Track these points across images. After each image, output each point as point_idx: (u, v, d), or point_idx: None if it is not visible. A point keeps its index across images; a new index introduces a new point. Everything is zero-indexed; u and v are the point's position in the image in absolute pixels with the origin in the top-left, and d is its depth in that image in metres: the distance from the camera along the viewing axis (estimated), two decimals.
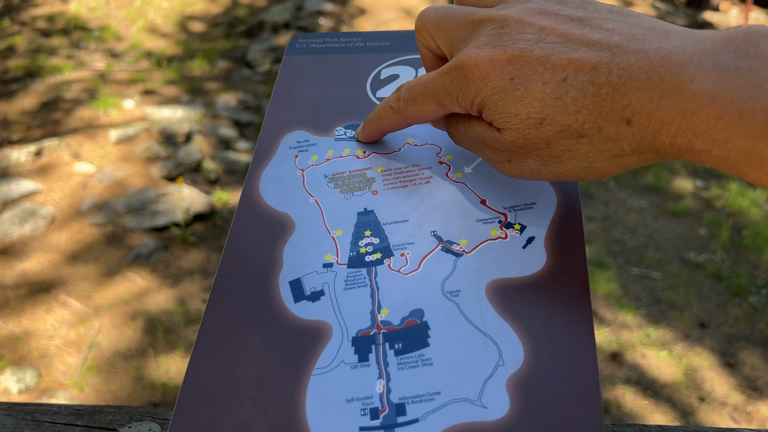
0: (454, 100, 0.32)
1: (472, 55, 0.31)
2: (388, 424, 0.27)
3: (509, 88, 0.30)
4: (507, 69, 0.30)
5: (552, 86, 0.29)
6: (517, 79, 0.29)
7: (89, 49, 3.13)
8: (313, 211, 0.36)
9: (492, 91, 0.30)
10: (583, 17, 0.30)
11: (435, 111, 0.33)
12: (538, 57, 0.29)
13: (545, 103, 0.29)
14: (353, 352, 0.30)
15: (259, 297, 0.32)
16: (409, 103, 0.34)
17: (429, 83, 0.33)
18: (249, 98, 2.75)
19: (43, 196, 2.06)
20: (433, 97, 0.33)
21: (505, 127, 0.30)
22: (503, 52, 0.30)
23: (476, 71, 0.30)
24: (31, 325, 1.66)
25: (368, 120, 0.38)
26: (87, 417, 0.39)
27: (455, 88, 0.31)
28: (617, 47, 0.28)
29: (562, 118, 0.29)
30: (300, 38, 0.46)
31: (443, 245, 0.33)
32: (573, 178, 0.31)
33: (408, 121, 0.35)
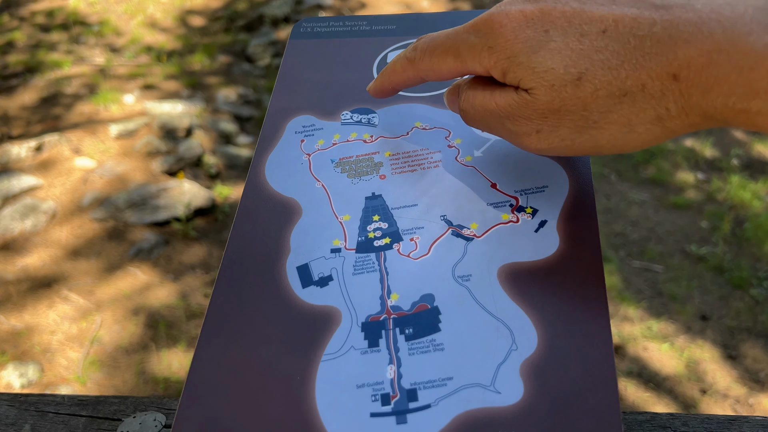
0: (476, 56, 0.30)
1: (502, 8, 0.29)
2: (399, 409, 0.27)
3: (543, 40, 0.28)
4: (541, 21, 0.28)
5: (591, 38, 0.27)
6: (552, 31, 0.28)
7: (89, 44, 3.12)
8: (320, 195, 0.35)
9: (524, 44, 0.28)
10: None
11: (453, 67, 0.31)
12: (574, 9, 0.27)
13: (584, 55, 0.27)
14: (363, 338, 0.29)
15: (267, 283, 0.32)
16: (426, 53, 0.32)
17: (451, 35, 0.31)
18: (249, 92, 2.74)
19: (44, 191, 2.06)
20: (453, 51, 0.31)
21: (537, 85, 0.28)
22: (535, 5, 0.28)
23: (507, 23, 0.28)
24: (32, 320, 1.66)
25: (381, 72, 0.36)
26: (91, 407, 0.39)
27: (480, 42, 0.29)
28: (659, 2, 0.26)
29: (602, 73, 0.26)
30: (305, 22, 0.46)
31: (453, 229, 0.33)
32: (610, 149, 0.29)
33: (422, 74, 0.33)
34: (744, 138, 2.67)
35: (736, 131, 2.71)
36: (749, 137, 2.67)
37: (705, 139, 2.63)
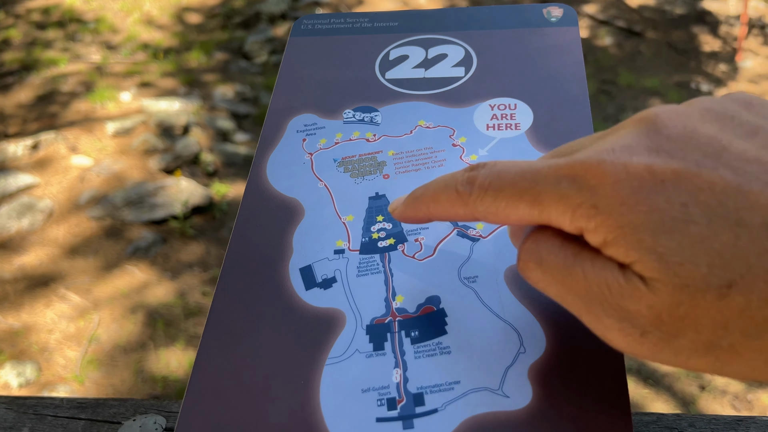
0: (567, 213, 0.22)
1: (617, 157, 0.21)
2: (406, 414, 0.26)
3: (680, 218, 0.20)
4: (677, 188, 0.20)
5: (751, 232, 0.19)
6: (692, 207, 0.20)
7: (85, 42, 3.11)
8: (322, 196, 0.35)
9: (648, 216, 0.20)
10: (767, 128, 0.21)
11: (525, 216, 0.23)
12: (728, 183, 0.20)
13: (740, 255, 0.19)
14: (368, 341, 0.29)
15: (269, 285, 0.31)
16: (489, 192, 0.24)
17: (529, 173, 0.23)
18: (247, 90, 2.73)
19: (41, 189, 2.05)
20: (530, 196, 0.22)
21: (661, 278, 0.20)
22: (668, 162, 0.20)
23: (624, 180, 0.20)
24: (30, 319, 1.65)
25: (417, 197, 0.27)
26: (90, 410, 0.38)
27: (576, 196, 0.21)
28: None
29: (763, 287, 0.19)
30: (305, 19, 0.45)
31: (459, 230, 0.32)
32: (740, 377, 0.21)
33: (478, 216, 0.25)
34: None
35: None
36: None
37: None
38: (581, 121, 0.36)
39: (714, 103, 0.23)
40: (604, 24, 3.44)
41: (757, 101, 0.23)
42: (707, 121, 0.22)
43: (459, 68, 0.40)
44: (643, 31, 3.40)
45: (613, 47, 3.30)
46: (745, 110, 0.22)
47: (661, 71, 3.12)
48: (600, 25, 3.45)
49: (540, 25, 0.42)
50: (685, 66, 3.17)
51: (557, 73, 0.39)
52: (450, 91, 0.39)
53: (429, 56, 0.41)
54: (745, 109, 0.23)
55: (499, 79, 0.39)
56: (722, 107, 0.22)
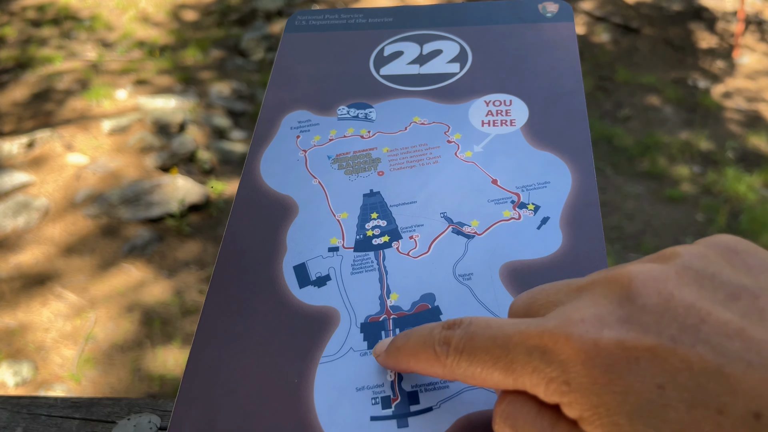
0: (539, 385, 0.21)
1: (583, 328, 0.20)
2: (400, 413, 0.26)
3: (655, 401, 0.18)
4: (652, 367, 0.18)
5: (738, 422, 0.17)
6: (669, 389, 0.18)
7: (80, 39, 3.10)
8: (316, 193, 0.35)
9: (622, 398, 0.18)
10: (755, 290, 0.19)
11: (499, 383, 0.22)
12: (708, 363, 0.18)
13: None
14: (362, 339, 0.29)
15: (263, 283, 0.31)
16: (463, 356, 0.23)
17: (500, 341, 0.22)
18: (243, 87, 2.73)
19: (36, 188, 2.04)
20: (503, 365, 0.22)
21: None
22: (642, 336, 0.19)
23: (595, 357, 0.19)
24: (26, 318, 1.65)
25: (396, 347, 0.26)
26: (84, 409, 0.38)
27: (547, 370, 0.20)
28: None
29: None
30: (299, 15, 0.45)
31: (454, 227, 0.32)
32: None
33: (456, 378, 0.24)
34: (739, 131, 2.67)
35: (730, 123, 2.71)
36: (744, 130, 2.67)
37: (700, 132, 2.63)
38: (576, 117, 0.36)
39: (694, 259, 0.21)
40: (601, 20, 3.44)
41: (742, 247, 0.21)
42: (685, 284, 0.20)
43: (454, 64, 0.40)
44: (640, 28, 3.40)
45: (610, 44, 3.30)
46: (728, 263, 0.21)
47: (658, 68, 3.12)
48: (597, 21, 3.45)
49: (535, 20, 0.41)
50: (682, 62, 3.17)
51: (553, 68, 0.38)
52: (445, 88, 0.39)
53: (424, 52, 0.41)
54: (728, 261, 0.21)
55: (495, 75, 0.39)
56: (702, 264, 0.20)
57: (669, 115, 2.77)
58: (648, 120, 2.74)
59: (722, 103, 2.85)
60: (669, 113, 2.78)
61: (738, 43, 3.19)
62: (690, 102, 2.86)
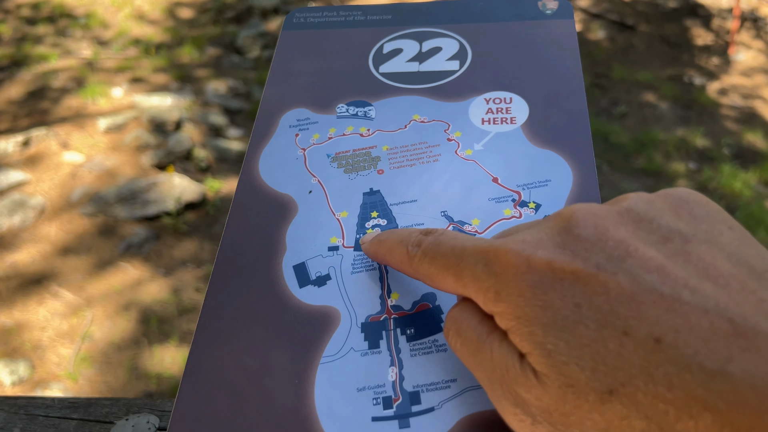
0: (480, 293, 0.23)
1: (521, 246, 0.22)
2: (402, 413, 0.26)
3: (570, 317, 0.20)
4: (573, 287, 0.20)
5: (639, 344, 0.19)
6: (585, 309, 0.20)
7: (75, 37, 3.08)
8: (316, 192, 0.34)
9: (542, 311, 0.20)
10: (688, 235, 0.21)
11: (453, 288, 0.24)
12: (623, 290, 0.20)
13: (622, 364, 0.19)
14: (363, 339, 0.28)
15: (262, 282, 0.31)
16: (426, 258, 0.25)
17: (458, 249, 0.24)
18: (239, 85, 2.72)
19: (32, 186, 2.03)
20: (455, 271, 0.24)
21: (549, 374, 0.20)
22: (571, 259, 0.21)
23: (524, 272, 0.21)
24: (23, 317, 1.64)
25: (379, 240, 0.29)
26: (82, 410, 0.38)
27: (486, 279, 0.22)
28: (738, 320, 0.18)
29: (643, 397, 0.18)
30: (297, 12, 0.45)
31: (454, 225, 0.32)
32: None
33: (419, 277, 0.27)
34: (735, 128, 2.67)
35: (726, 120, 2.72)
36: (740, 126, 2.68)
37: (696, 129, 2.64)
38: (577, 115, 0.36)
39: (640, 203, 0.22)
40: (597, 17, 3.44)
41: (693, 198, 0.23)
42: (622, 223, 0.21)
43: (453, 62, 0.40)
44: (636, 25, 3.40)
45: (606, 41, 3.30)
46: (672, 211, 0.22)
47: (654, 64, 3.12)
48: (593, 18, 3.44)
49: (535, 17, 0.41)
50: (678, 59, 3.17)
51: (553, 66, 0.38)
52: (445, 85, 0.38)
53: (423, 49, 0.41)
54: (673, 209, 0.22)
55: (495, 73, 0.39)
56: (646, 208, 0.22)
57: (665, 112, 2.78)
58: (644, 117, 2.74)
59: (718, 100, 2.86)
60: (665, 110, 2.79)
61: (733, 40, 3.19)
62: (686, 99, 2.86)
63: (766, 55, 3.19)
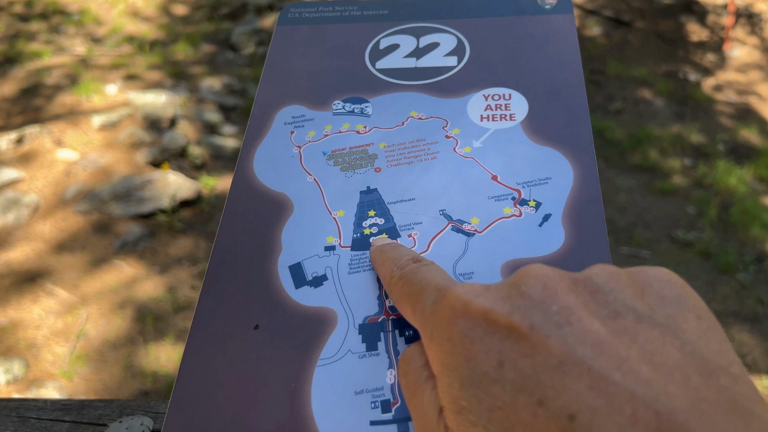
0: (422, 328, 0.23)
1: (465, 291, 0.21)
2: (401, 417, 0.26)
3: (491, 377, 0.19)
4: (501, 342, 0.19)
5: (551, 418, 0.18)
6: (508, 370, 0.19)
7: (69, 34, 3.07)
8: (312, 190, 0.34)
9: (466, 363, 0.20)
10: (643, 315, 0.19)
11: (409, 318, 0.25)
12: (552, 357, 0.18)
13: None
14: (361, 341, 0.28)
15: (257, 283, 0.30)
16: (399, 283, 0.26)
17: (423, 282, 0.24)
18: (234, 82, 2.71)
19: (26, 184, 2.02)
20: (412, 303, 0.24)
21: (456, 430, 0.20)
22: (507, 313, 0.20)
23: (460, 318, 0.21)
24: (17, 315, 1.63)
25: (381, 251, 0.29)
26: (75, 412, 0.37)
27: (431, 317, 0.22)
28: (665, 414, 0.17)
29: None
30: (292, 7, 0.44)
31: (453, 225, 0.31)
32: None
33: (391, 296, 0.27)
34: (730, 124, 2.68)
35: (721, 116, 2.72)
36: (735, 123, 2.68)
37: (691, 125, 2.64)
38: (577, 111, 0.35)
39: (602, 274, 0.21)
40: (593, 14, 3.44)
41: (668, 279, 0.21)
42: (575, 291, 0.20)
43: (451, 57, 0.39)
44: (632, 21, 3.40)
45: (602, 37, 3.30)
46: (635, 289, 0.21)
47: (650, 61, 3.12)
48: (588, 14, 3.44)
49: (534, 12, 0.41)
50: (673, 55, 3.17)
51: (552, 61, 0.38)
52: (442, 81, 0.38)
53: (420, 45, 0.40)
54: (637, 287, 0.21)
55: (493, 69, 0.38)
56: (607, 280, 0.21)
57: (660, 108, 2.78)
58: (639, 113, 2.74)
59: (713, 96, 2.86)
60: (660, 106, 2.79)
61: (728, 36, 3.19)
62: (681, 95, 2.86)
63: (761, 51, 3.19)
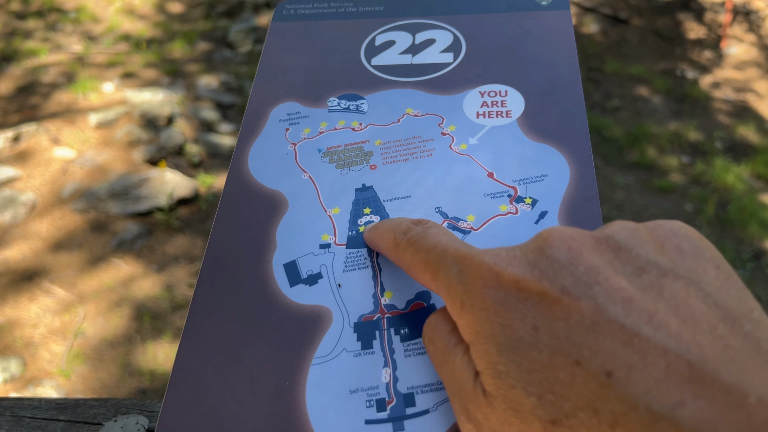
0: (450, 299, 0.23)
1: (494, 260, 0.21)
2: (396, 416, 0.25)
3: (526, 339, 0.20)
4: (535, 308, 0.20)
5: (590, 376, 0.18)
6: (543, 332, 0.19)
7: (65, 32, 3.06)
8: (307, 187, 0.33)
9: (500, 329, 0.20)
10: (666, 269, 0.20)
11: (428, 284, 0.24)
12: (585, 318, 0.19)
13: (570, 396, 0.18)
14: (356, 339, 0.28)
15: (252, 281, 0.30)
16: (410, 248, 0.25)
17: (440, 249, 0.24)
18: (231, 79, 2.71)
19: (23, 182, 2.02)
20: (432, 270, 0.24)
21: (497, 395, 0.20)
22: (538, 280, 0.20)
23: (492, 287, 0.21)
24: (14, 314, 1.63)
25: (375, 226, 0.30)
26: (70, 411, 0.37)
27: (457, 287, 0.22)
28: (697, 363, 0.17)
29: (586, 431, 0.18)
30: (288, 4, 0.44)
31: (449, 222, 0.31)
32: None
33: (400, 264, 0.27)
34: (727, 121, 2.68)
35: (719, 114, 2.72)
36: (732, 120, 2.68)
37: (689, 122, 2.64)
38: (574, 108, 0.35)
39: (622, 231, 0.22)
40: (590, 11, 3.44)
41: (684, 233, 0.22)
42: (599, 250, 0.21)
43: (447, 54, 0.39)
44: (629, 18, 3.39)
45: (599, 34, 3.30)
46: (656, 243, 0.21)
47: (647, 58, 3.12)
48: (586, 12, 3.44)
49: (531, 8, 0.40)
50: (671, 53, 3.17)
51: (549, 58, 0.37)
52: (438, 78, 0.38)
53: (416, 42, 0.40)
54: (658, 241, 0.21)
55: (489, 65, 0.38)
56: (628, 236, 0.21)
57: (658, 105, 2.78)
58: (637, 111, 2.74)
59: (710, 94, 2.86)
60: (658, 104, 2.79)
61: (726, 33, 3.19)
62: (678, 92, 2.86)
63: (759, 49, 3.19)
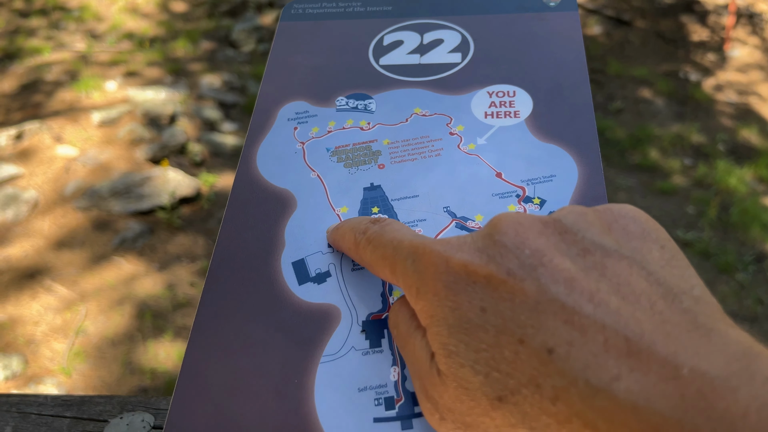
0: (406, 288, 0.24)
1: (444, 248, 0.22)
2: (404, 414, 0.25)
3: (474, 321, 0.20)
4: (482, 291, 0.21)
5: (532, 354, 0.19)
6: (489, 313, 0.20)
7: (69, 30, 3.06)
8: (315, 186, 0.34)
9: (450, 312, 0.21)
10: (610, 250, 0.21)
11: (388, 278, 0.26)
12: (528, 299, 0.20)
13: (513, 374, 0.19)
14: (364, 338, 0.28)
15: (260, 279, 0.30)
16: (369, 247, 0.26)
17: (396, 243, 0.25)
18: (234, 79, 2.71)
19: (25, 180, 2.02)
20: (390, 265, 0.25)
21: (448, 374, 0.21)
22: (485, 264, 0.21)
23: (442, 273, 0.22)
24: (16, 312, 1.63)
25: (336, 227, 0.30)
26: (75, 408, 0.37)
27: (412, 276, 0.23)
28: (634, 338, 0.18)
29: (530, 407, 0.19)
30: (296, 3, 0.44)
31: (457, 221, 0.31)
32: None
33: (363, 263, 0.28)
34: (730, 124, 2.67)
35: (721, 116, 2.72)
36: (735, 123, 2.68)
37: (691, 124, 2.64)
38: (582, 108, 0.35)
39: (570, 215, 0.22)
40: (593, 13, 3.44)
41: (633, 215, 0.22)
42: (545, 234, 0.22)
43: (455, 54, 0.39)
44: (632, 20, 3.39)
45: (602, 36, 3.30)
46: (602, 226, 0.22)
47: (650, 60, 3.12)
48: (589, 13, 3.44)
49: (539, 9, 0.41)
50: (674, 55, 3.17)
51: (557, 59, 0.37)
52: (446, 78, 0.38)
53: (424, 42, 0.40)
54: (605, 225, 0.22)
55: (497, 66, 0.38)
56: (575, 220, 0.22)
57: (660, 107, 2.78)
58: (639, 113, 2.74)
59: (713, 96, 2.86)
60: (660, 106, 2.79)
61: (729, 36, 3.19)
62: (681, 95, 2.86)
63: (762, 51, 3.19)
